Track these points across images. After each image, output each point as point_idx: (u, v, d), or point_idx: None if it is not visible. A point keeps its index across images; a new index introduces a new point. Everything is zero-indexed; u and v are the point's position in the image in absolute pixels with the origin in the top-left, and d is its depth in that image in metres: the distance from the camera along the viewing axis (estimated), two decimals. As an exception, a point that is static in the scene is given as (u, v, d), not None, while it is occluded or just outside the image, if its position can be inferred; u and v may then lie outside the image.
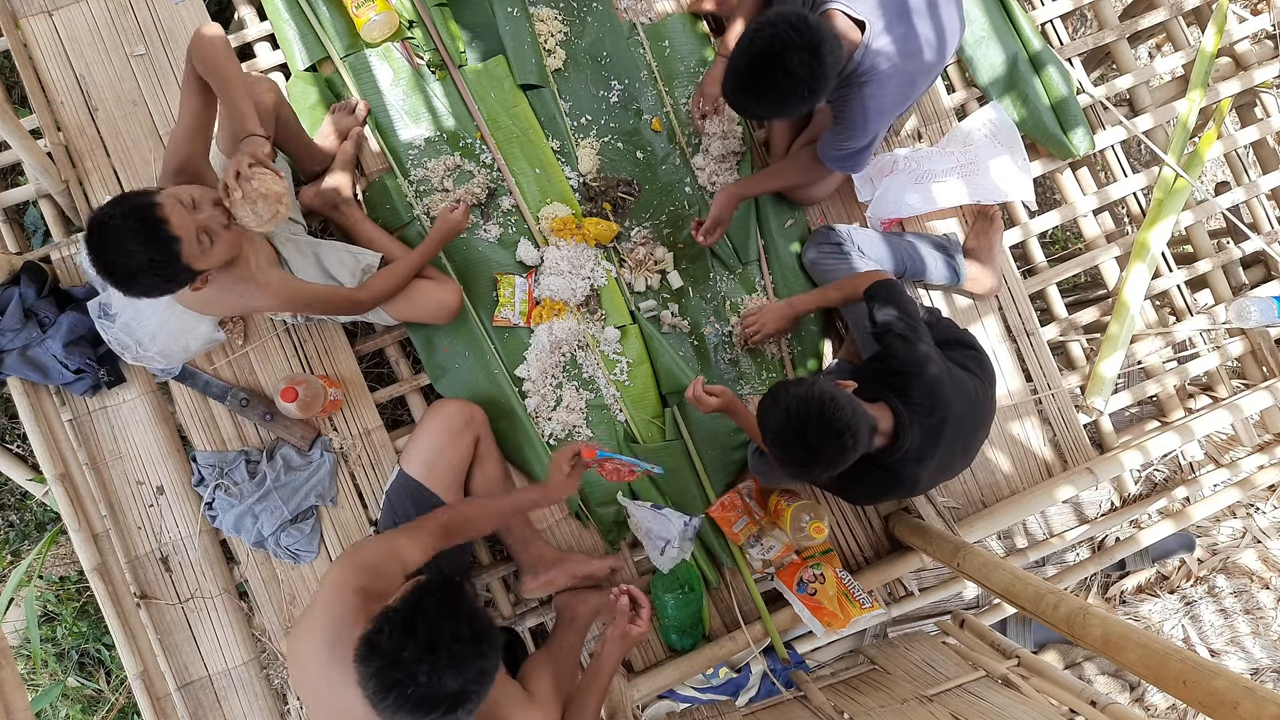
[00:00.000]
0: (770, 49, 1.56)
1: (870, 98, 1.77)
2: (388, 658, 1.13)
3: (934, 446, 1.68)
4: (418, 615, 1.16)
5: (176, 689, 2.09)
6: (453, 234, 2.03)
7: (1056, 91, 2.29)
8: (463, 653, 1.14)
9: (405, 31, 2.22)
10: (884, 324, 1.77)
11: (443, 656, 1.12)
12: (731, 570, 2.21)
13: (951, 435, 1.70)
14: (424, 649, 1.12)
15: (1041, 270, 2.41)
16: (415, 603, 1.18)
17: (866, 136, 1.86)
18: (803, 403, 1.49)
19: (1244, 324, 2.36)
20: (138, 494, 2.12)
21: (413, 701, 1.11)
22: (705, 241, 2.12)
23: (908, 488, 1.74)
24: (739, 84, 1.63)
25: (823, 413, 1.48)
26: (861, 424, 1.52)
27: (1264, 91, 2.48)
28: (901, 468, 1.67)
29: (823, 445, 1.48)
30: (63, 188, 2.14)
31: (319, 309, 1.90)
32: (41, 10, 2.16)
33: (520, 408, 2.16)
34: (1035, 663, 1.86)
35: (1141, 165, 2.49)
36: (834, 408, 1.48)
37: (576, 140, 2.26)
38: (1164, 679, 1.25)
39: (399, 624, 1.15)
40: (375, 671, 1.13)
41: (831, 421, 1.48)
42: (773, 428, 1.53)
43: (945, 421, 1.67)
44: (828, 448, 1.49)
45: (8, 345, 2.02)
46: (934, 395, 1.66)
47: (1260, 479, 2.37)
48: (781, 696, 2.08)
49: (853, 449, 1.51)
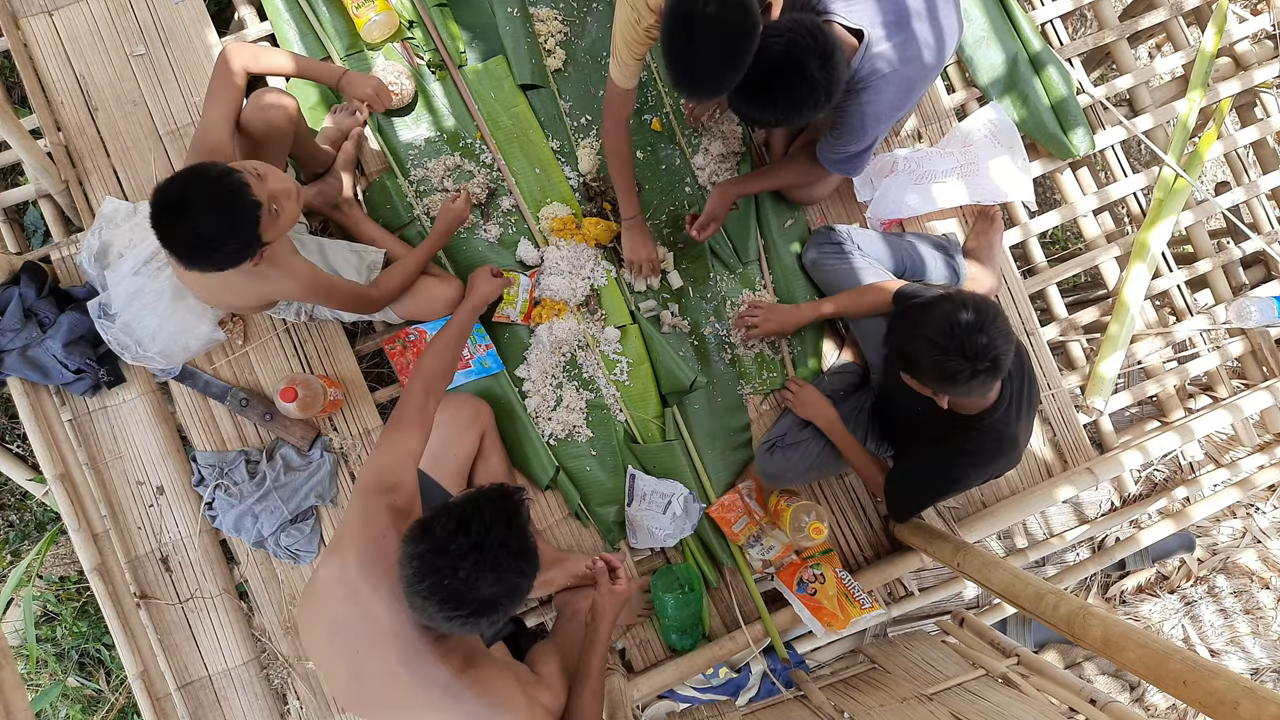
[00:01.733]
0: (788, 56, 1.52)
1: (869, 104, 1.76)
2: (436, 544, 1.16)
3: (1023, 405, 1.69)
4: (473, 515, 1.18)
5: (176, 689, 2.09)
6: (456, 224, 2.04)
7: (1056, 91, 2.29)
8: (505, 562, 1.17)
9: (405, 31, 2.22)
10: None
11: (487, 559, 1.15)
12: (731, 570, 2.21)
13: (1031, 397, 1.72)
14: (472, 546, 1.15)
15: (1041, 270, 2.41)
16: (474, 503, 1.20)
17: (865, 141, 1.86)
18: (979, 300, 1.51)
19: (1244, 324, 2.36)
20: (138, 494, 2.12)
21: (446, 591, 1.15)
22: (699, 237, 2.12)
23: (1009, 450, 1.71)
24: (753, 92, 1.58)
25: (999, 313, 1.51)
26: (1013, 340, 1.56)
27: (1264, 91, 2.48)
28: (1006, 424, 1.67)
29: (994, 343, 1.48)
30: (63, 188, 2.14)
31: (336, 301, 1.88)
32: (41, 10, 2.16)
33: (520, 408, 2.16)
34: (1035, 661, 1.86)
35: (1141, 165, 2.49)
36: (1004, 318, 1.52)
37: (576, 140, 2.26)
38: (1164, 679, 1.25)
39: (455, 517, 1.18)
40: (420, 554, 1.16)
41: (1004, 325, 1.51)
42: (940, 317, 1.51)
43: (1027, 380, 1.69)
44: (998, 346, 1.48)
45: (8, 345, 2.02)
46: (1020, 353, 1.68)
47: (1260, 479, 2.37)
48: (781, 696, 2.08)
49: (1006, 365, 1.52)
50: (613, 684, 2.01)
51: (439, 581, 1.15)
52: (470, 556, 1.15)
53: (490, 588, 1.16)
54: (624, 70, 1.80)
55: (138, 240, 2.00)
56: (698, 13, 1.45)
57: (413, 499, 1.43)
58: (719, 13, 1.45)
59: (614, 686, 1.99)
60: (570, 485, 2.16)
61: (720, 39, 1.47)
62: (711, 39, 1.47)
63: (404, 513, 1.38)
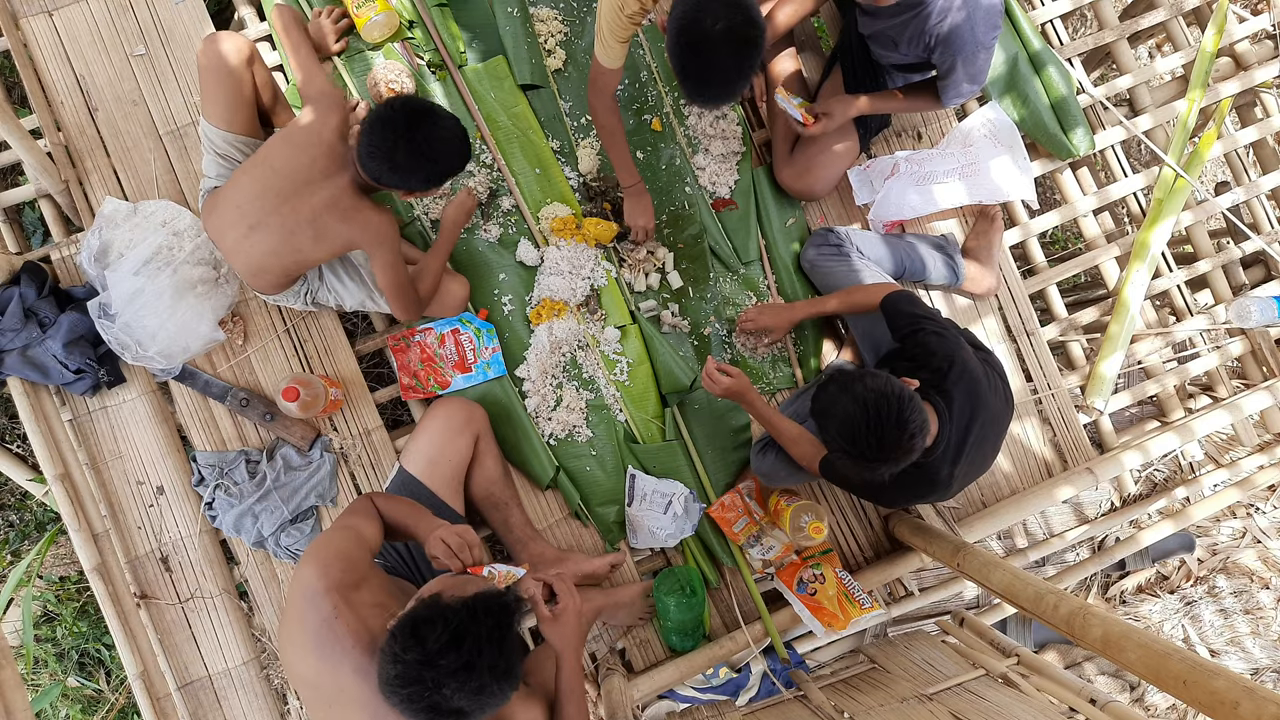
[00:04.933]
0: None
1: None
2: (426, 656, 1.14)
3: (966, 445, 1.66)
4: (469, 629, 1.16)
5: (176, 689, 2.09)
6: (467, 215, 2.05)
7: (1056, 91, 2.29)
8: (489, 685, 1.16)
9: (405, 31, 2.22)
10: (913, 325, 1.75)
11: (473, 681, 1.14)
12: (731, 570, 2.21)
13: (982, 434, 1.69)
14: (462, 665, 1.14)
15: (1041, 270, 2.41)
16: (473, 613, 1.18)
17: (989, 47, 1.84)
18: (881, 397, 1.44)
19: (1244, 324, 2.36)
20: (138, 494, 2.12)
21: (425, 703, 1.14)
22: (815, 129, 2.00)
23: (942, 489, 1.70)
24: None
25: (901, 409, 1.44)
26: (926, 425, 1.51)
27: (1264, 91, 2.48)
28: (939, 467, 1.65)
29: (897, 442, 1.45)
30: (63, 188, 2.14)
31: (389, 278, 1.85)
32: (41, 10, 2.16)
33: (520, 408, 2.16)
34: (1035, 661, 1.86)
35: (1141, 165, 2.49)
36: (910, 405, 1.46)
37: (576, 140, 2.26)
38: (1164, 679, 1.25)
39: (451, 629, 1.16)
40: (408, 662, 1.15)
41: (907, 419, 1.45)
42: (842, 419, 1.47)
43: (978, 419, 1.66)
44: (901, 444, 1.46)
45: (8, 345, 2.02)
46: (973, 392, 1.65)
47: (1260, 479, 2.37)
48: (781, 696, 2.08)
49: (918, 450, 1.49)
50: (613, 684, 2.01)
51: (420, 692, 1.14)
52: (458, 676, 1.13)
53: (468, 703, 1.15)
54: (609, 53, 1.80)
55: (138, 240, 2.00)
56: (705, 33, 1.47)
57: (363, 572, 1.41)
58: (727, 29, 1.46)
59: (614, 686, 1.99)
60: (570, 485, 2.16)
61: (731, 54, 1.50)
62: (722, 55, 1.49)
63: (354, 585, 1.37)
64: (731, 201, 2.27)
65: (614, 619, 2.14)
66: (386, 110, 1.64)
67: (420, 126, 1.64)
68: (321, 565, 1.37)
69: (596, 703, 2.09)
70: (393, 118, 1.63)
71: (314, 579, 1.35)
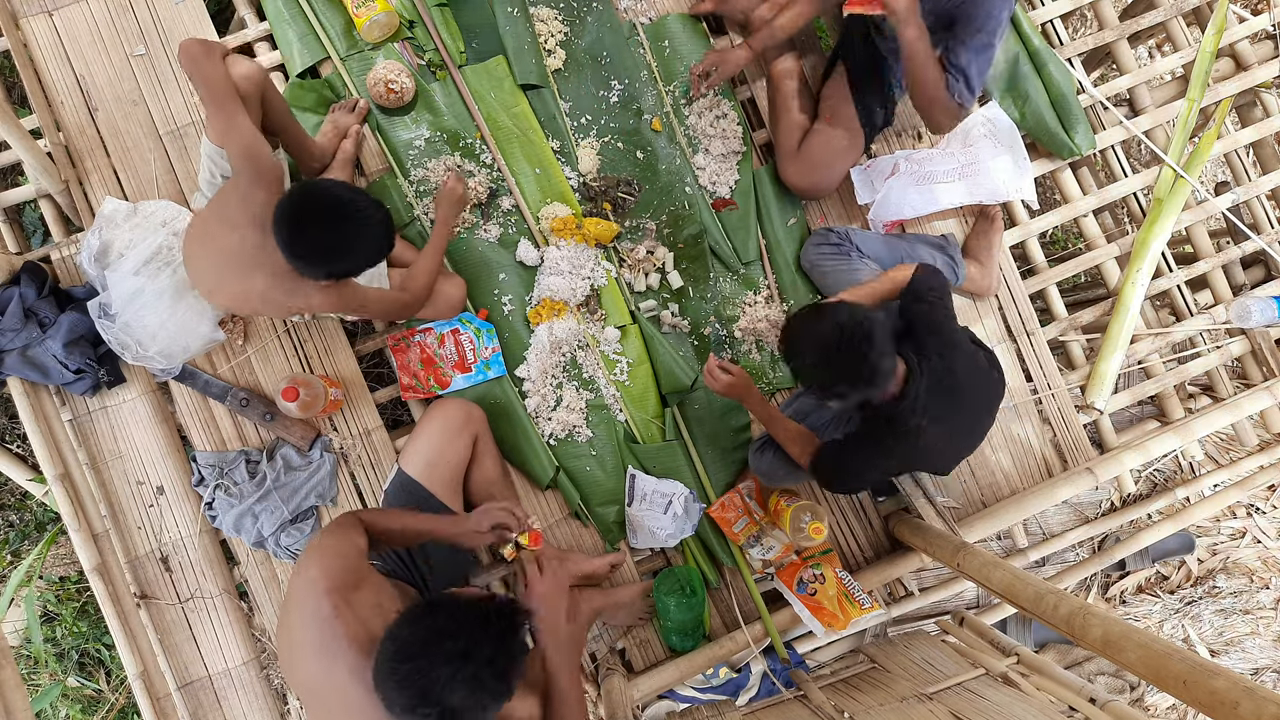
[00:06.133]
0: None
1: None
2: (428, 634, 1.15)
3: (942, 402, 1.67)
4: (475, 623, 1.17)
5: (176, 689, 2.09)
6: (459, 206, 2.04)
7: (1057, 91, 2.28)
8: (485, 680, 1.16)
9: (405, 31, 2.22)
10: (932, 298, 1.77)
11: (468, 670, 1.14)
12: (731, 570, 2.21)
13: (961, 396, 1.71)
14: (460, 652, 1.14)
15: (1041, 270, 2.41)
16: (483, 611, 1.19)
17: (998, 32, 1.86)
18: (851, 318, 1.54)
19: (1244, 324, 2.36)
20: (138, 494, 2.12)
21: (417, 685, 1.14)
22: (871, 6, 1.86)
23: (912, 441, 1.69)
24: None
25: (870, 329, 1.54)
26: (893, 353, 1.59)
27: (1264, 91, 2.48)
28: (907, 416, 1.66)
29: (865, 356, 1.53)
30: (63, 188, 2.14)
31: (372, 311, 1.86)
32: (41, 10, 2.16)
33: (520, 408, 2.16)
34: (1035, 660, 1.86)
35: (1141, 165, 2.48)
36: (879, 327, 1.55)
37: (576, 140, 2.26)
38: (1164, 679, 1.25)
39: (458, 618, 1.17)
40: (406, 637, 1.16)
41: (874, 337, 1.54)
42: (815, 336, 1.57)
43: (955, 376, 1.69)
44: (869, 359, 1.53)
45: (8, 345, 2.02)
46: (950, 349, 1.70)
47: (1260, 479, 2.37)
48: (781, 696, 2.08)
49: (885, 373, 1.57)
50: (613, 684, 2.01)
51: (415, 668, 1.13)
52: (454, 662, 1.13)
53: (460, 699, 1.14)
54: None
55: (138, 240, 2.00)
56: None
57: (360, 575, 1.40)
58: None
59: (614, 686, 2.00)
60: (570, 485, 2.16)
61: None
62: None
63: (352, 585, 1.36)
64: (732, 201, 2.27)
65: (614, 619, 2.14)
66: (285, 201, 1.52)
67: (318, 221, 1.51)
68: (323, 565, 1.37)
69: (596, 703, 2.09)
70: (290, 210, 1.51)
71: (316, 579, 1.35)
